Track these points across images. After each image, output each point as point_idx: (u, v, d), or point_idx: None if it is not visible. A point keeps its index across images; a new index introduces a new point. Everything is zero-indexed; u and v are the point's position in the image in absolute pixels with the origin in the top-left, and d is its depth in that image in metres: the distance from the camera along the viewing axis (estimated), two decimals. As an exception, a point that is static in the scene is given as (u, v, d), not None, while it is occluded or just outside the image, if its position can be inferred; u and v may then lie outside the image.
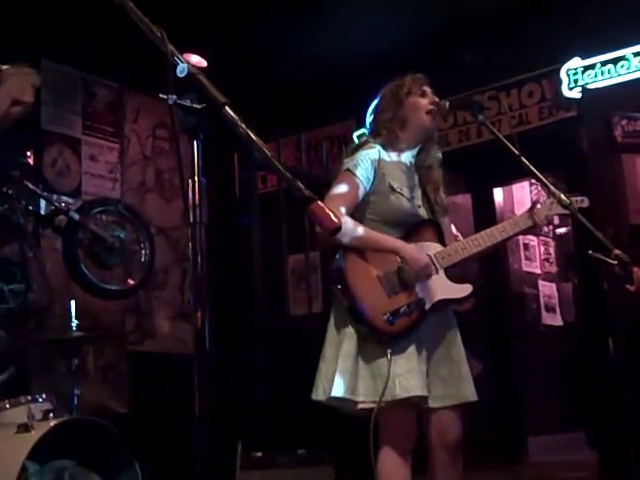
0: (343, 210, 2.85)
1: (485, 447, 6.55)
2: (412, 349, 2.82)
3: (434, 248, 2.98)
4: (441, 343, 2.97)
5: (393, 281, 2.86)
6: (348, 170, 2.92)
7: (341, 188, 2.90)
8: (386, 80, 3.16)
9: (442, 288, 2.94)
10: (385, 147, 3.02)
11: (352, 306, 2.82)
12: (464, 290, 2.98)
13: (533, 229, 3.17)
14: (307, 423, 4.87)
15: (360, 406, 2.79)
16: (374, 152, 2.98)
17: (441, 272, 2.95)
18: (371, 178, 2.94)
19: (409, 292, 2.87)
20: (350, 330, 2.84)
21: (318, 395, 2.88)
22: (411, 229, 2.98)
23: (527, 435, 7.25)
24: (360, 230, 2.87)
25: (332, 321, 2.95)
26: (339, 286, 2.85)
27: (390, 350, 2.75)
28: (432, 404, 2.90)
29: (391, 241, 2.92)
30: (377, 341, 2.81)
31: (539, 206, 3.13)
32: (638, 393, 4.74)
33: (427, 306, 2.87)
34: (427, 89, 3.09)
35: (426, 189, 3.10)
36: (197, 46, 5.16)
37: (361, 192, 2.92)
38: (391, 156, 3.03)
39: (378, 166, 2.95)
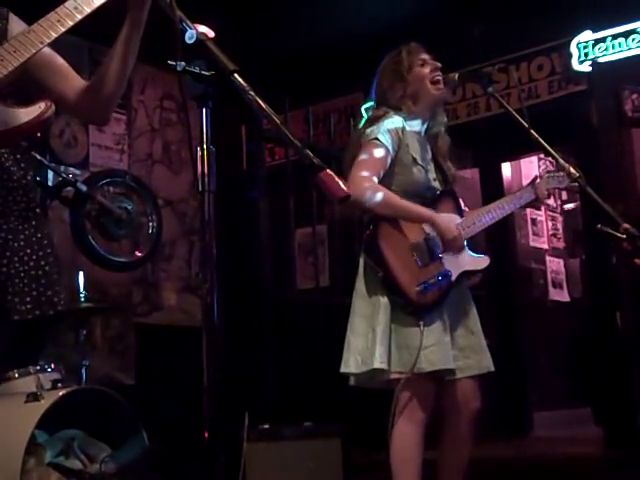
0: (374, 179, 2.82)
1: (490, 422, 6.57)
2: (439, 321, 2.82)
3: (454, 220, 2.96)
4: (459, 314, 2.96)
5: (423, 251, 2.85)
6: (375, 139, 2.86)
7: (370, 156, 2.85)
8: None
9: (466, 259, 2.94)
10: (405, 118, 2.97)
11: (386, 276, 2.79)
12: (483, 262, 2.99)
13: (536, 202, 3.16)
14: (314, 396, 4.89)
15: (392, 376, 2.78)
16: (398, 121, 2.92)
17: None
18: (396, 148, 2.90)
19: (438, 263, 2.86)
20: (385, 300, 2.81)
21: (349, 368, 2.84)
22: (430, 201, 2.96)
23: (532, 410, 7.27)
24: (395, 199, 2.85)
25: (360, 292, 2.90)
26: (373, 256, 2.83)
27: (422, 322, 2.75)
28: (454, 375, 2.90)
29: (425, 211, 2.89)
30: (409, 312, 2.79)
31: (539, 180, 3.14)
32: (645, 369, 4.74)
33: (453, 277, 2.87)
34: (425, 56, 3.03)
35: (437, 159, 3.08)
36: (204, 18, 5.12)
37: (389, 160, 2.88)
38: (411, 126, 2.98)
39: (402, 136, 2.91)
